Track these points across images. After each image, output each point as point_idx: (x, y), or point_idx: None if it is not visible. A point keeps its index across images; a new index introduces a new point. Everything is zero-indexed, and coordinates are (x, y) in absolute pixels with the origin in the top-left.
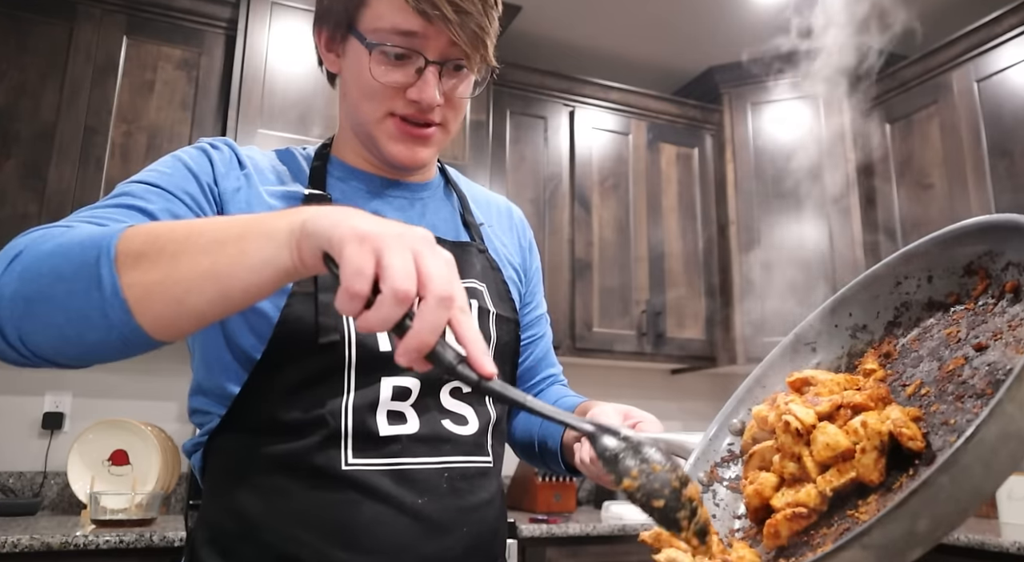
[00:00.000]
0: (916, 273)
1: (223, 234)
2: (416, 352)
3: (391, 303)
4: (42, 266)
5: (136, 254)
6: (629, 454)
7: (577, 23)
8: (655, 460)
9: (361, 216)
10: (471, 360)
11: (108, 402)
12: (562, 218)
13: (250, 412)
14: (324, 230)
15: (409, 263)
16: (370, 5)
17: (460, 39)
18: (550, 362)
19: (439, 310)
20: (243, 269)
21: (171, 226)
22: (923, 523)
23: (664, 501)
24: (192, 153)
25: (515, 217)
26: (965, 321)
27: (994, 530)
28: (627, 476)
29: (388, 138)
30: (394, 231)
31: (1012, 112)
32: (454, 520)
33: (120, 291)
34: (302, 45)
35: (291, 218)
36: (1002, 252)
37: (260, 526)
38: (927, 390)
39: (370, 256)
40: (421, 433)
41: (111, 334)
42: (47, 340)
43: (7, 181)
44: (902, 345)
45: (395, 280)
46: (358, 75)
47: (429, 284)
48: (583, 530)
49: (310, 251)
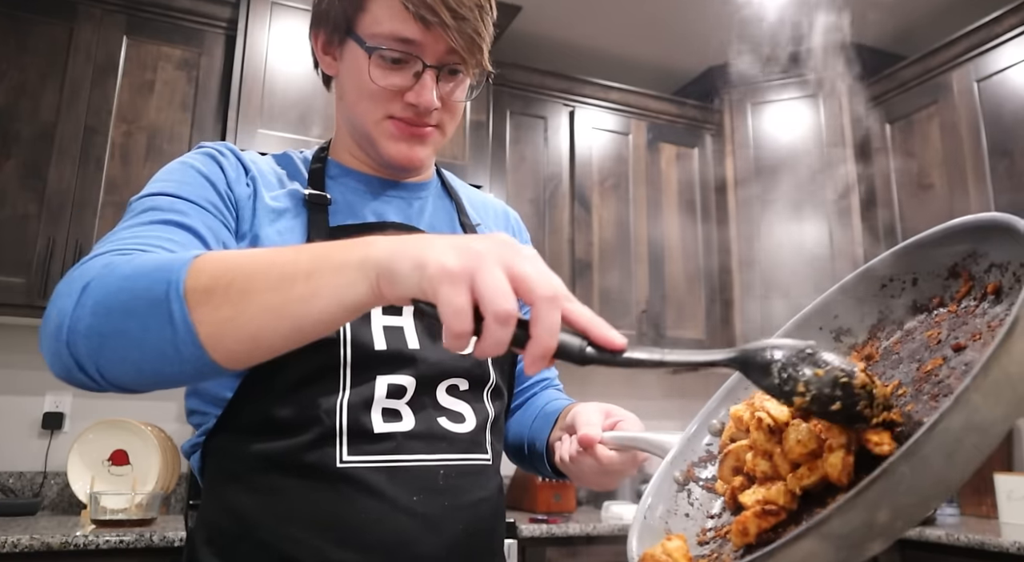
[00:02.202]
0: (901, 275)
1: (291, 270)
2: (542, 358)
3: (496, 327)
4: (113, 301)
5: (205, 290)
6: (788, 373)
7: (577, 23)
8: (814, 369)
9: (442, 247)
10: (598, 340)
11: (108, 402)
12: (562, 218)
13: (245, 412)
14: (411, 275)
15: (502, 281)
16: (369, 10)
17: (457, 44)
18: None
19: (550, 311)
20: (315, 308)
21: (236, 259)
22: (883, 514)
23: (840, 402)
24: (202, 160)
25: (511, 220)
26: (947, 323)
27: (994, 530)
28: (796, 395)
29: (386, 138)
30: (478, 251)
31: (1012, 112)
32: (450, 518)
33: (192, 327)
34: (302, 45)
35: (362, 253)
36: (985, 253)
37: (257, 525)
38: (904, 390)
39: (464, 292)
40: (417, 430)
41: (186, 367)
42: (125, 373)
43: (7, 181)
44: (884, 347)
45: (494, 305)
46: (356, 78)
47: (532, 289)
48: (583, 530)
49: (393, 295)
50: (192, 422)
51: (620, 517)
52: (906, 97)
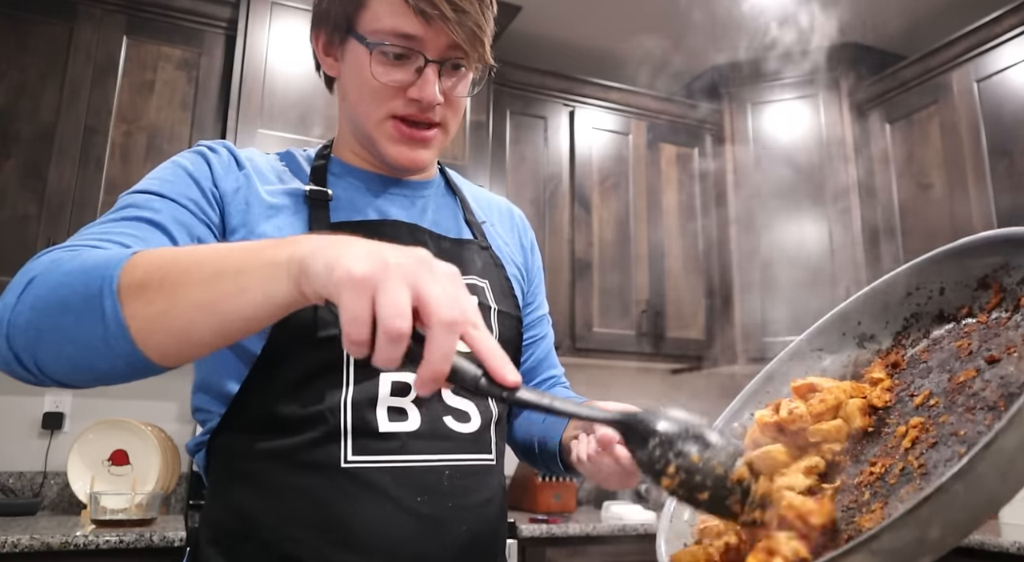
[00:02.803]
0: (928, 284)
1: (222, 267)
2: (431, 383)
3: (386, 344)
4: (51, 296)
5: (138, 285)
6: (663, 450)
7: (577, 23)
8: (691, 451)
9: (356, 252)
10: (492, 373)
11: (108, 402)
12: (562, 218)
13: (250, 409)
14: (321, 274)
15: (402, 298)
16: (369, 6)
17: (459, 38)
18: (551, 363)
19: (446, 336)
20: (242, 304)
21: (172, 255)
22: (934, 530)
23: (708, 492)
24: (190, 158)
25: (516, 217)
26: (977, 334)
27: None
28: (664, 476)
29: (388, 140)
30: (390, 263)
31: (1012, 112)
32: (454, 518)
33: (123, 322)
34: (302, 45)
35: (289, 251)
36: (1019, 265)
37: (260, 524)
38: (936, 401)
39: (365, 301)
40: (422, 430)
41: (118, 363)
42: (60, 367)
43: (7, 181)
44: (911, 356)
45: (385, 322)
46: (358, 76)
47: (431, 312)
48: (583, 530)
49: (312, 293)
50: (197, 419)
51: (620, 517)
52: (906, 97)
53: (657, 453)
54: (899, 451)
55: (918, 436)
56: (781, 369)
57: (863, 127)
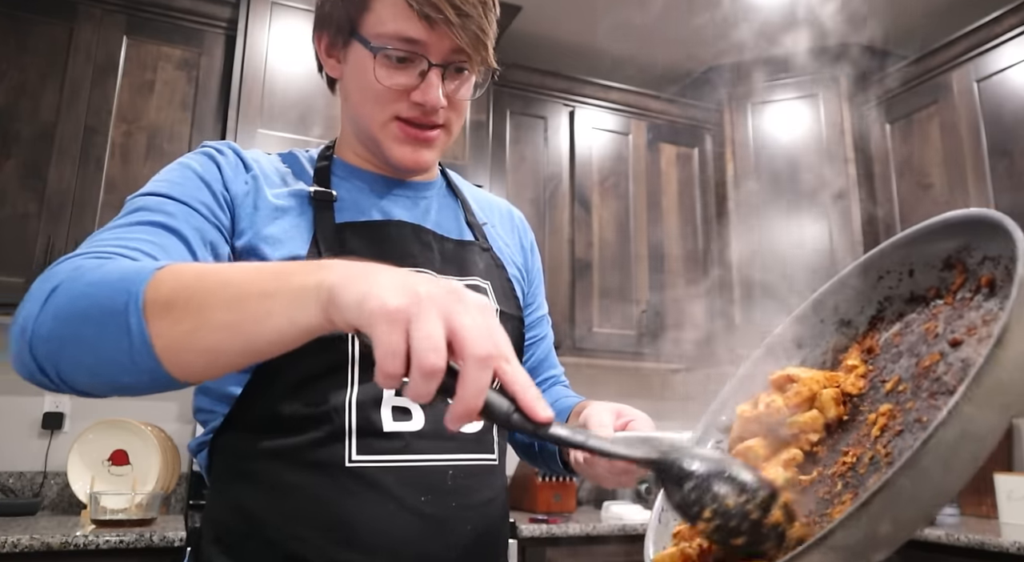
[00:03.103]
0: (898, 267)
1: (248, 289)
2: (465, 416)
3: (420, 380)
4: (74, 307)
5: (164, 303)
6: (698, 494)
7: (577, 23)
8: (727, 495)
9: (389, 282)
10: (525, 409)
11: (108, 402)
12: (562, 218)
13: (253, 409)
14: (353, 306)
15: (436, 333)
16: (373, 10)
17: (462, 42)
18: (551, 363)
19: (479, 372)
20: (267, 329)
21: (198, 273)
22: (885, 525)
23: (744, 538)
24: (200, 160)
25: (516, 219)
26: (943, 315)
27: (994, 530)
28: (700, 520)
29: (392, 141)
30: (422, 295)
31: (1012, 112)
32: (457, 518)
33: (148, 339)
34: (302, 45)
35: (318, 278)
36: (978, 246)
37: (263, 523)
38: (904, 386)
39: (400, 335)
40: (426, 430)
41: (142, 378)
42: (82, 378)
43: (7, 181)
44: (884, 340)
45: (421, 358)
46: (361, 79)
47: (464, 347)
48: (583, 530)
49: (341, 323)
50: (199, 419)
51: (620, 517)
52: (906, 97)
53: (692, 497)
54: (869, 439)
55: (887, 423)
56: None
57: (863, 127)
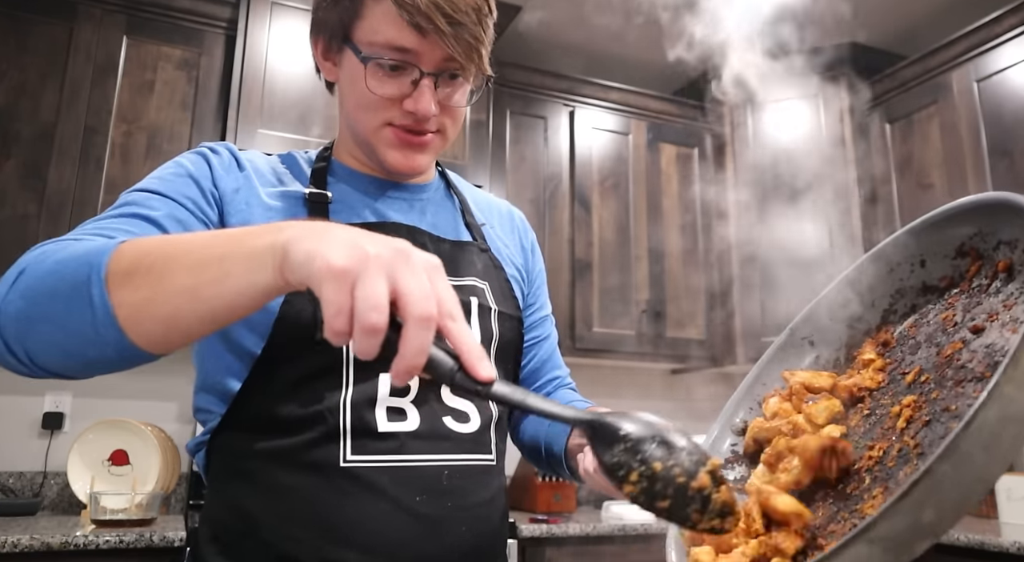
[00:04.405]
0: (908, 258)
1: (207, 254)
2: (405, 374)
3: (362, 337)
4: (41, 285)
5: (124, 273)
6: (627, 456)
7: (577, 23)
8: (654, 458)
9: (337, 241)
10: (467, 367)
11: (108, 402)
12: (562, 218)
13: (250, 409)
14: (303, 264)
15: (380, 291)
16: (365, 18)
17: (455, 51)
18: (555, 364)
19: (420, 330)
20: (226, 290)
21: (159, 243)
22: (928, 513)
23: (669, 501)
24: (191, 158)
25: (516, 219)
26: (960, 304)
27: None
28: (626, 483)
29: (386, 146)
30: (370, 254)
31: (1012, 112)
32: (453, 519)
33: (111, 309)
34: (302, 45)
35: (272, 238)
36: (992, 231)
37: (260, 523)
38: (927, 377)
39: (345, 292)
40: (421, 430)
41: (107, 350)
42: (51, 356)
43: (7, 181)
44: (899, 332)
45: (361, 316)
46: (354, 86)
47: (407, 306)
48: (583, 530)
49: (295, 281)
50: (199, 419)
51: (620, 517)
52: (906, 97)
53: (621, 459)
54: (895, 432)
55: (912, 415)
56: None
57: (863, 127)
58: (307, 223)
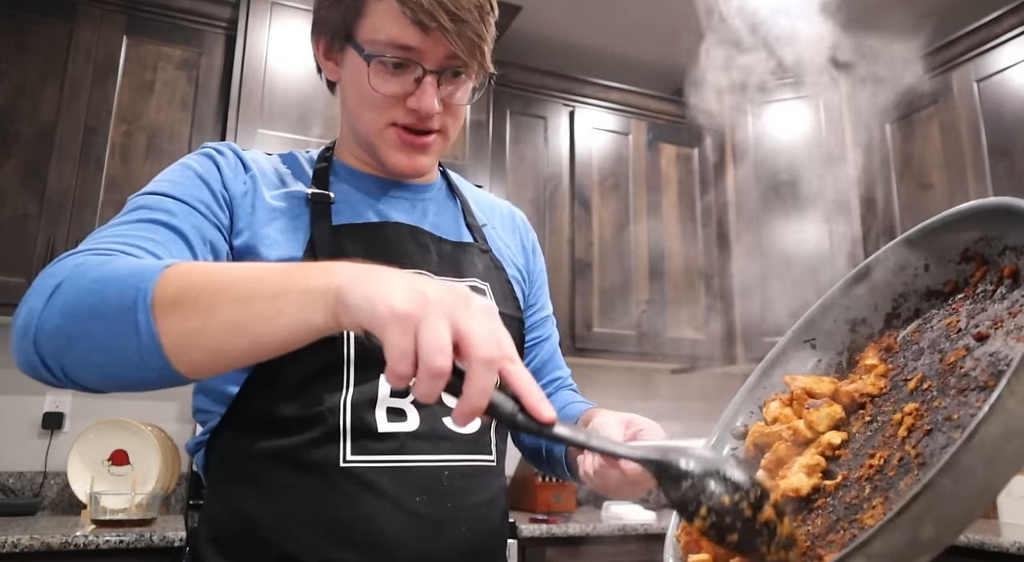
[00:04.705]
0: (913, 262)
1: (257, 288)
2: (468, 416)
3: (427, 380)
4: (81, 303)
5: (171, 301)
6: (695, 492)
7: (577, 23)
8: (719, 492)
9: (395, 285)
10: (529, 409)
11: (108, 402)
12: (562, 218)
13: (249, 410)
14: (363, 308)
15: (444, 335)
16: (367, 16)
17: (458, 48)
18: (557, 364)
19: (484, 373)
20: (276, 328)
21: (206, 272)
22: (928, 528)
23: (737, 535)
24: (199, 160)
25: (517, 220)
26: (964, 310)
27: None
28: (696, 518)
29: (388, 147)
30: (430, 299)
31: (1012, 112)
32: (453, 519)
33: (156, 337)
34: (302, 45)
35: (326, 279)
36: (998, 236)
37: (259, 523)
38: (929, 384)
39: (410, 337)
40: (421, 430)
41: (150, 374)
42: (89, 374)
43: (7, 181)
44: (902, 337)
45: (428, 360)
46: (357, 85)
47: (470, 349)
48: (583, 530)
49: (350, 323)
50: (198, 419)
51: (620, 517)
52: (906, 97)
53: (689, 495)
54: (896, 440)
55: (914, 423)
56: (776, 363)
57: (863, 127)
58: (358, 265)
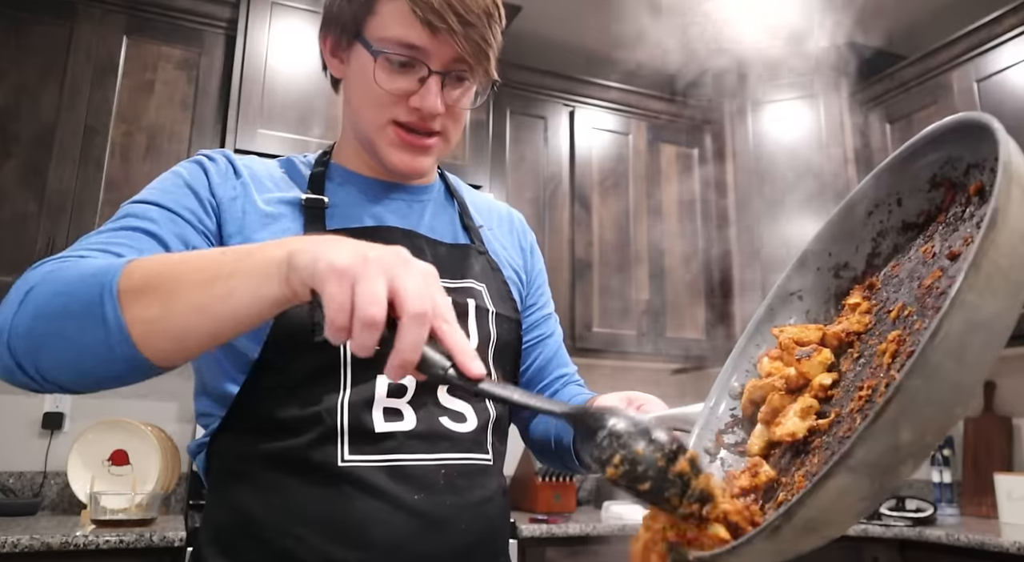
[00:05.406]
0: (885, 199)
1: (215, 271)
2: (400, 369)
3: (361, 330)
4: (52, 303)
5: (136, 291)
6: (610, 441)
7: (577, 23)
8: (634, 444)
9: (340, 247)
10: (459, 365)
11: (108, 402)
12: (562, 218)
13: (249, 412)
14: (307, 266)
15: (379, 289)
16: (378, 13)
17: (464, 51)
18: (562, 362)
19: (415, 327)
20: (234, 305)
21: (167, 261)
22: (906, 432)
23: (649, 483)
24: (188, 167)
25: (515, 221)
26: (939, 235)
27: (994, 530)
28: (609, 465)
29: (389, 146)
30: (369, 258)
31: (1012, 112)
32: (452, 517)
33: (124, 327)
34: (302, 45)
35: (278, 251)
36: (959, 156)
37: (260, 524)
38: (910, 310)
39: (347, 290)
40: (418, 430)
41: (121, 366)
42: (63, 373)
43: (7, 181)
44: (884, 274)
45: (360, 310)
46: (362, 81)
47: (403, 304)
48: (583, 530)
49: (300, 286)
50: (201, 423)
51: (620, 517)
52: (906, 97)
53: (604, 444)
54: (883, 368)
55: (897, 349)
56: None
57: (863, 127)
58: (314, 236)
